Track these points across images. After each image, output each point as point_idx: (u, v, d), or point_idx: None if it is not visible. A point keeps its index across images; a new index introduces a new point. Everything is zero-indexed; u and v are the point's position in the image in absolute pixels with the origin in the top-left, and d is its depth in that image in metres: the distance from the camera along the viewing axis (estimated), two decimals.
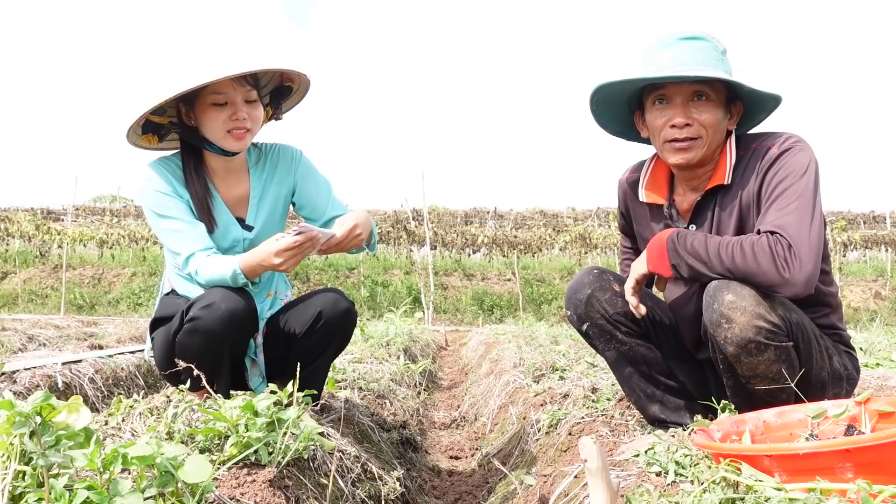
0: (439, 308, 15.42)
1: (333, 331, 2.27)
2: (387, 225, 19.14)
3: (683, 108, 1.87)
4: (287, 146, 2.43)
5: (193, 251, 2.14)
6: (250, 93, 2.16)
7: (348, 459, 2.02)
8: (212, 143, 2.20)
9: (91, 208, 24.57)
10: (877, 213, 23.24)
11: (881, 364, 3.98)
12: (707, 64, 1.84)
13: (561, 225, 21.72)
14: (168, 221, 2.17)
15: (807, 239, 1.70)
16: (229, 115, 2.13)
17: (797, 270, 1.67)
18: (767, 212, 1.79)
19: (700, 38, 1.88)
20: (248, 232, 2.32)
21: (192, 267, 2.14)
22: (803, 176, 1.78)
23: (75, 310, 14.77)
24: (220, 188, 2.30)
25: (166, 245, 2.21)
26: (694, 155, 1.90)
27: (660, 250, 1.84)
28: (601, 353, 2.11)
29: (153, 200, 2.19)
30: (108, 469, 1.14)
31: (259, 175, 2.36)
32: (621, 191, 2.23)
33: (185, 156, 2.26)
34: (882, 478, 1.19)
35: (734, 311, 1.68)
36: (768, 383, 1.73)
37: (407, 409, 3.64)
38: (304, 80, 2.31)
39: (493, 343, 6.51)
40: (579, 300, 2.04)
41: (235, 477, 1.51)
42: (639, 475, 1.63)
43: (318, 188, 2.40)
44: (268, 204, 2.36)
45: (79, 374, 3.75)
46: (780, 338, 1.70)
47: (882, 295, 16.99)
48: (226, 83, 2.09)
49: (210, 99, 2.12)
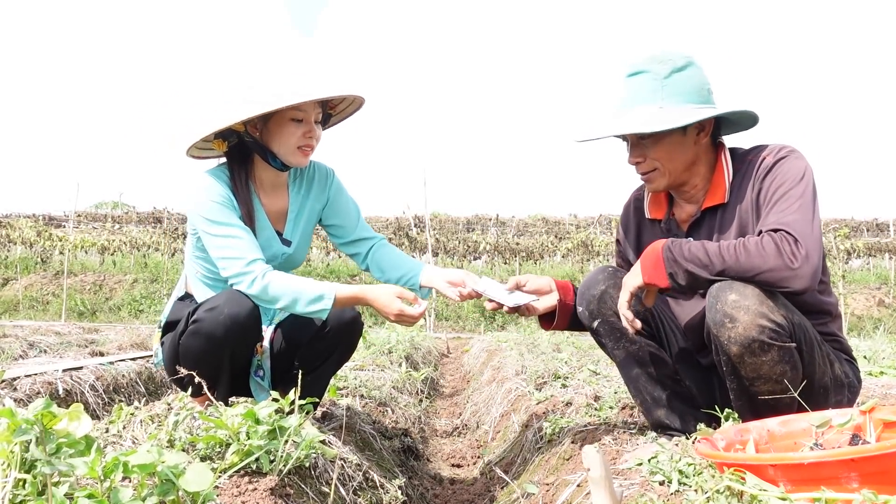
0: (441, 315, 15.41)
1: (338, 340, 2.29)
2: (388, 232, 19.15)
3: (635, 148, 1.98)
4: (321, 164, 2.48)
5: (256, 258, 2.13)
6: (321, 114, 2.25)
7: (350, 467, 2.01)
8: (275, 156, 2.23)
9: (92, 215, 24.62)
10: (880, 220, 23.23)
11: (885, 373, 3.96)
12: (644, 101, 1.92)
13: (563, 232, 21.73)
14: (226, 228, 2.15)
15: (810, 233, 1.72)
16: (304, 133, 2.19)
17: (804, 261, 1.68)
18: (768, 215, 1.81)
19: (641, 73, 1.93)
20: (286, 247, 2.35)
21: (258, 272, 2.10)
22: (801, 181, 1.82)
23: (76, 316, 14.77)
24: (263, 201, 2.32)
25: (220, 253, 2.15)
26: (658, 184, 2.00)
27: (655, 260, 1.83)
28: (610, 352, 2.10)
29: (209, 208, 2.16)
30: (108, 477, 1.13)
31: (297, 191, 2.40)
32: (628, 211, 2.26)
33: (235, 167, 2.27)
34: (887, 488, 1.19)
35: (738, 309, 1.68)
36: (772, 385, 1.72)
37: (409, 417, 3.63)
38: (348, 112, 2.39)
39: (495, 350, 6.50)
40: (592, 296, 2.03)
41: (237, 485, 1.50)
42: (642, 484, 1.62)
43: (348, 208, 2.49)
44: (304, 220, 2.41)
45: (79, 381, 3.74)
46: (784, 338, 1.69)
47: (885, 303, 16.95)
48: (309, 103, 2.17)
49: (291, 114, 2.17)
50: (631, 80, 1.94)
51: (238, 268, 2.11)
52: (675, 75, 1.91)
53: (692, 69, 1.92)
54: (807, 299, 1.86)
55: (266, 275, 2.10)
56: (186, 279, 2.42)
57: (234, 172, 2.26)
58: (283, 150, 2.21)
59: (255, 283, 2.09)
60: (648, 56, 1.93)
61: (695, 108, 1.90)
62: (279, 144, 2.20)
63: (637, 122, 1.89)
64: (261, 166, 2.29)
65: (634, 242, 2.21)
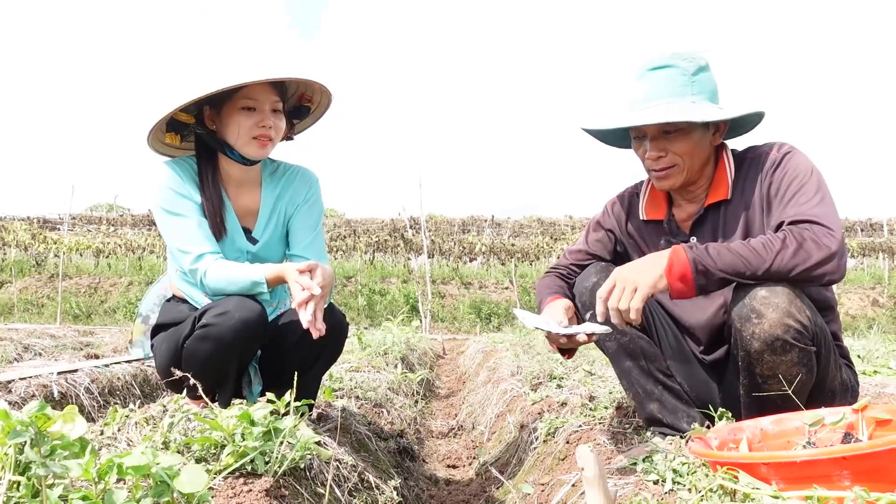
0: (437, 316, 15.40)
1: (323, 343, 2.25)
2: (384, 233, 19.14)
3: (656, 143, 1.94)
4: (308, 170, 2.45)
5: (204, 252, 2.14)
6: (278, 103, 2.20)
7: (345, 469, 2.01)
8: (233, 148, 2.21)
9: (87, 217, 24.55)
10: (874, 220, 23.30)
11: (879, 371, 3.98)
12: (674, 95, 1.90)
13: (558, 233, 21.73)
14: (178, 219, 2.17)
15: (839, 224, 1.73)
16: (256, 122, 2.16)
17: (841, 250, 1.69)
18: (786, 207, 1.81)
19: (668, 66, 1.92)
20: (252, 245, 2.32)
21: (202, 267, 2.12)
22: (813, 174, 1.84)
23: (71, 319, 14.72)
24: (231, 196, 2.30)
25: (173, 244, 2.19)
26: (675, 181, 1.97)
27: (682, 274, 1.73)
28: (601, 344, 2.09)
29: (164, 197, 2.18)
30: (103, 479, 1.13)
31: (272, 189, 2.37)
32: (615, 208, 2.23)
33: (202, 160, 2.26)
34: (879, 485, 1.19)
35: (766, 306, 1.67)
36: (784, 387, 1.71)
37: (404, 418, 3.63)
38: (324, 103, 2.36)
39: (491, 351, 6.51)
40: (585, 287, 2.04)
41: (231, 486, 1.50)
42: (636, 483, 1.63)
43: (308, 224, 2.38)
44: (276, 219, 2.36)
45: (75, 383, 3.73)
46: (806, 340, 1.69)
47: (880, 302, 17.00)
48: (258, 89, 2.14)
49: (241, 103, 2.15)
50: (655, 74, 1.92)
51: (188, 262, 2.14)
52: (700, 73, 1.93)
53: (711, 70, 1.96)
54: (812, 293, 1.85)
55: (207, 270, 2.12)
56: (169, 277, 2.41)
57: (201, 166, 2.25)
58: (238, 142, 2.18)
59: (201, 276, 2.13)
60: (671, 53, 1.93)
61: (717, 107, 1.92)
62: (233, 135, 2.18)
63: (680, 112, 1.86)
64: (225, 161, 2.27)
65: (633, 241, 2.19)
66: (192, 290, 2.26)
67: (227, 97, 2.15)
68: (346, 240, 19.76)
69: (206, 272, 2.13)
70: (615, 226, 2.22)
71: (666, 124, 1.90)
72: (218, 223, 2.22)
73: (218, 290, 2.13)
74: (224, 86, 2.06)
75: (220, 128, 2.21)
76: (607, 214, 2.25)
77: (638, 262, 1.82)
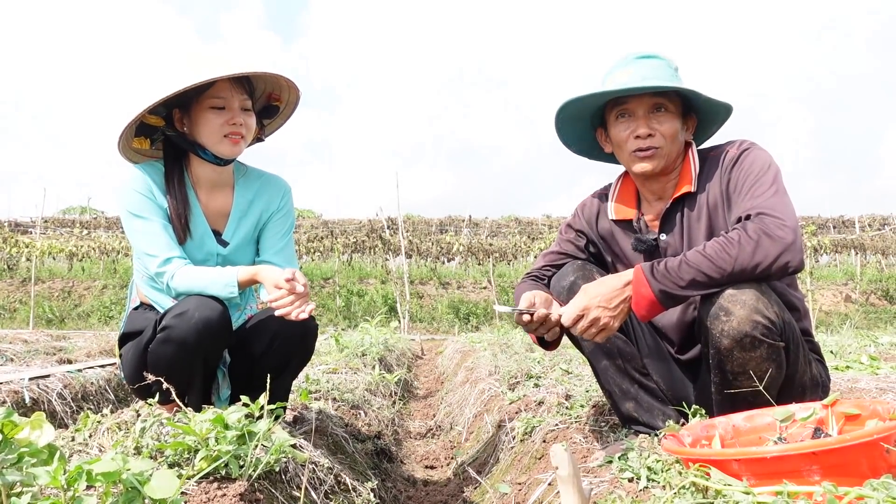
0: (415, 317, 15.39)
1: (292, 349, 2.24)
2: (362, 234, 19.11)
3: (645, 120, 1.98)
4: (280, 178, 2.46)
5: (171, 256, 2.13)
6: (246, 101, 2.21)
7: (321, 471, 2.00)
8: (205, 148, 2.20)
9: (60, 220, 24.23)
10: (846, 217, 23.66)
11: (851, 367, 4.03)
12: (664, 78, 1.96)
13: (536, 232, 21.82)
14: (143, 223, 2.16)
15: (791, 213, 1.76)
16: (227, 120, 2.16)
17: (794, 236, 1.71)
18: (743, 201, 1.84)
19: (654, 57, 2.01)
20: (222, 247, 2.30)
21: (170, 271, 2.11)
22: (769, 168, 1.88)
23: (44, 324, 14.52)
24: (202, 199, 2.28)
25: (139, 247, 2.17)
26: (657, 164, 2.00)
27: (649, 305, 1.78)
28: (578, 343, 2.11)
29: (130, 200, 2.17)
30: (72, 486, 1.12)
31: (244, 192, 2.36)
32: (585, 210, 2.25)
33: (170, 162, 2.25)
34: (848, 480, 1.21)
35: (734, 303, 1.70)
36: (753, 383, 1.72)
37: (382, 420, 3.62)
38: (292, 101, 2.35)
39: (469, 351, 6.52)
40: (563, 287, 2.05)
41: (205, 491, 1.49)
42: (611, 481, 1.63)
43: (279, 232, 2.40)
44: (247, 223, 2.35)
45: (47, 389, 3.68)
46: (774, 335, 1.71)
47: (852, 298, 17.27)
48: (226, 88, 2.14)
49: (209, 102, 2.15)
50: (643, 61, 1.99)
51: (154, 266, 2.14)
52: (678, 72, 2.03)
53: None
54: (777, 292, 1.88)
55: (175, 275, 2.12)
56: (135, 285, 2.39)
57: (168, 168, 2.25)
58: (209, 141, 2.19)
59: (168, 280, 2.13)
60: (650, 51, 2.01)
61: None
62: (204, 135, 2.18)
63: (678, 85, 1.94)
64: (196, 162, 2.26)
65: (604, 243, 2.20)
66: (158, 296, 2.24)
67: (194, 97, 2.15)
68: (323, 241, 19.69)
69: (174, 276, 2.12)
70: (585, 227, 2.24)
71: (658, 100, 1.96)
72: (182, 225, 2.21)
73: (187, 293, 2.12)
74: (186, 84, 2.06)
75: (192, 129, 2.20)
76: (578, 216, 2.27)
77: (603, 294, 1.82)
